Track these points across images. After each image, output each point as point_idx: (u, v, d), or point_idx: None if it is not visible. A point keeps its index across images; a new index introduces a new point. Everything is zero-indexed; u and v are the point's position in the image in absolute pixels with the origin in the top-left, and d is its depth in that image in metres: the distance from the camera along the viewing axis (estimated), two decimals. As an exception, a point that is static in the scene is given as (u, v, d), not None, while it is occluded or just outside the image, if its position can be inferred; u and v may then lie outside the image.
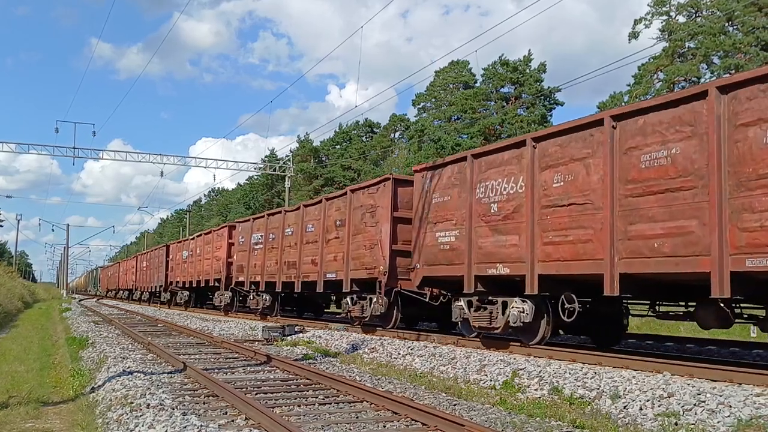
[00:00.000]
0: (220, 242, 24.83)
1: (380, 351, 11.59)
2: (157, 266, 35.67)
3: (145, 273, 39.56)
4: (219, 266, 24.62)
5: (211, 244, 25.94)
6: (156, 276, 35.57)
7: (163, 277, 33.92)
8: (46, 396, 8.11)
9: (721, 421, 5.94)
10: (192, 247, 29.11)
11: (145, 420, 5.80)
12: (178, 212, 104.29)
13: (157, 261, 35.96)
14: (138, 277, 42.03)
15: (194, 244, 28.82)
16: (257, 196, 70.89)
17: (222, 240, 24.53)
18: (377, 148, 57.89)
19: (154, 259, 37.11)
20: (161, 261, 34.68)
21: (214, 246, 25.60)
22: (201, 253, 27.38)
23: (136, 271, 43.04)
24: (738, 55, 34.17)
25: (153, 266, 36.93)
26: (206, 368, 9.78)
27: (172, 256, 33.40)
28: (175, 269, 32.13)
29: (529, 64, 49.29)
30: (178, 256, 31.78)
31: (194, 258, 28.42)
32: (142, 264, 41.51)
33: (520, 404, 7.39)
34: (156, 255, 36.70)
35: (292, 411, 6.91)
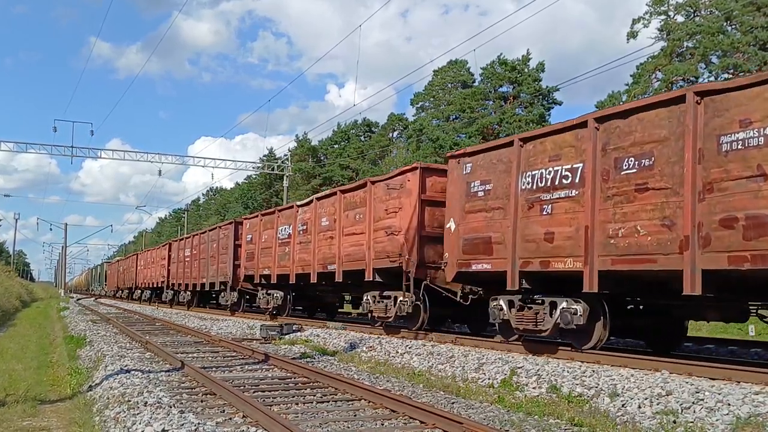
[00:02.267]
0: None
1: (378, 349, 11.58)
2: (214, 253, 24.75)
3: (188, 264, 28.97)
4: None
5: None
6: (213, 268, 24.75)
7: (230, 268, 22.69)
8: (44, 394, 8.10)
9: (720, 419, 5.93)
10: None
11: (143, 418, 5.79)
12: (176, 212, 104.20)
13: (215, 246, 24.73)
14: (175, 271, 31.34)
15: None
16: (255, 196, 70.83)
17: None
18: (375, 147, 57.85)
19: (208, 245, 25.82)
20: (224, 245, 23.58)
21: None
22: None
23: (168, 263, 32.52)
24: (736, 55, 34.18)
25: (206, 254, 25.93)
26: (204, 366, 9.76)
27: (249, 236, 21.29)
28: (256, 257, 20.52)
29: (527, 63, 49.26)
30: (259, 238, 20.36)
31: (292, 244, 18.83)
32: (180, 253, 30.65)
33: (519, 402, 7.38)
34: (215, 237, 24.93)
35: (290, 409, 6.90)
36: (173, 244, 32.05)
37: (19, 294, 38.07)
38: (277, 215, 18.92)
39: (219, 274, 23.65)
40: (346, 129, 63.16)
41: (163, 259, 33.76)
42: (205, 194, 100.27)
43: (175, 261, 31.33)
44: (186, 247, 29.47)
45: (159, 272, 34.66)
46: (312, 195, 20.61)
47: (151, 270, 37.12)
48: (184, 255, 29.41)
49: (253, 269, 20.36)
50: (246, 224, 21.79)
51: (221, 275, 23.35)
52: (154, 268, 36.03)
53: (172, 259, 31.96)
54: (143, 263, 40.32)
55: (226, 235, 23.57)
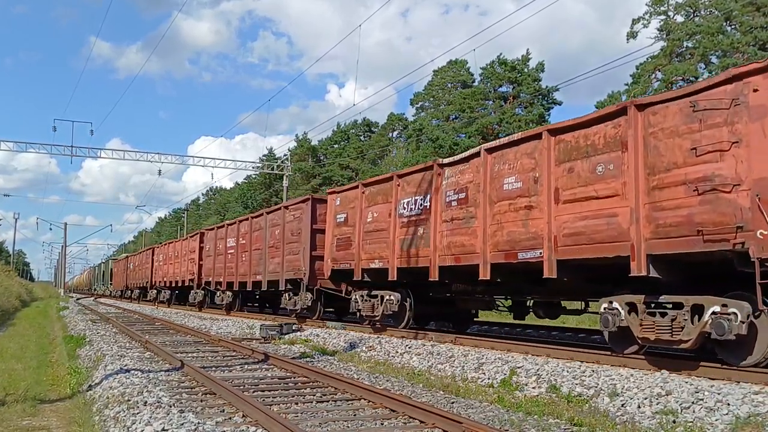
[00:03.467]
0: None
1: (378, 349, 11.59)
2: (276, 242, 18.70)
3: (231, 258, 22.76)
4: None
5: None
6: (275, 261, 18.77)
7: (304, 261, 16.73)
8: (44, 394, 8.10)
9: (719, 419, 5.94)
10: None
11: (143, 417, 5.79)
12: (175, 211, 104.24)
13: (277, 233, 18.73)
14: (211, 267, 25.05)
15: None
16: (255, 195, 70.85)
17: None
18: (375, 147, 57.87)
19: (265, 232, 19.65)
20: (294, 230, 17.54)
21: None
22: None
23: (200, 257, 26.57)
24: (736, 55, 34.19)
25: (260, 244, 19.95)
26: (204, 366, 9.77)
27: (342, 216, 14.96)
28: (356, 243, 14.52)
29: (527, 63, 49.28)
30: (361, 217, 14.29)
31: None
32: (217, 244, 24.41)
33: (518, 402, 7.38)
34: (277, 221, 18.87)
35: (290, 409, 6.90)
36: (207, 234, 26.32)
37: (18, 294, 38.06)
38: (397, 183, 12.89)
39: (285, 269, 17.83)
40: (345, 129, 63.21)
41: (192, 252, 27.69)
42: (205, 194, 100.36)
43: (211, 254, 25.11)
44: (229, 236, 23.07)
45: (186, 268, 28.61)
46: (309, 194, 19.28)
47: (174, 266, 31.07)
48: (225, 246, 23.24)
49: (347, 261, 14.29)
50: (334, 200, 15.26)
51: (289, 271, 17.54)
52: (179, 263, 30.05)
53: (206, 251, 25.98)
54: (162, 258, 33.95)
55: (297, 217, 17.40)
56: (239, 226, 22.33)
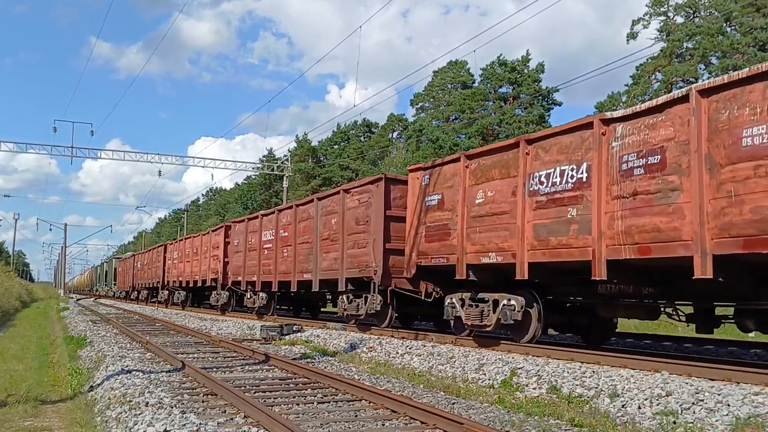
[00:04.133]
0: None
1: (378, 350, 11.60)
2: (333, 234, 15.45)
3: (267, 253, 19.61)
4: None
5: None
6: (330, 256, 15.58)
7: (375, 255, 13.52)
8: (45, 394, 8.11)
9: (720, 419, 5.95)
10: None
11: (144, 418, 5.80)
12: (175, 212, 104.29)
13: (334, 222, 15.50)
14: (239, 264, 21.86)
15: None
16: (255, 196, 70.90)
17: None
18: (375, 148, 57.91)
19: (315, 221, 16.41)
20: (360, 219, 14.33)
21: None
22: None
23: (225, 254, 23.76)
24: (736, 56, 34.25)
25: (309, 236, 16.80)
26: (205, 367, 9.78)
27: (434, 199, 11.97)
28: (458, 232, 11.34)
29: (527, 64, 49.35)
30: (464, 198, 11.20)
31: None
32: (248, 238, 21.30)
33: (519, 403, 7.40)
34: (334, 208, 15.55)
35: (291, 409, 6.91)
36: (235, 227, 23.02)
37: (18, 294, 38.08)
38: (525, 151, 9.71)
39: (346, 265, 14.63)
40: (345, 129, 63.27)
41: (215, 249, 24.81)
42: (205, 195, 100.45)
43: (240, 249, 21.85)
44: (265, 229, 19.91)
45: (207, 266, 25.56)
46: (309, 195, 18.96)
47: (192, 264, 27.94)
48: (260, 240, 20.05)
49: (443, 255, 11.29)
50: (420, 179, 12.17)
51: (352, 268, 14.31)
52: (198, 260, 26.90)
53: (233, 247, 22.77)
54: (177, 255, 30.82)
55: (364, 201, 14.15)
56: (278, 217, 19.00)
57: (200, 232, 28.93)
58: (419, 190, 12.18)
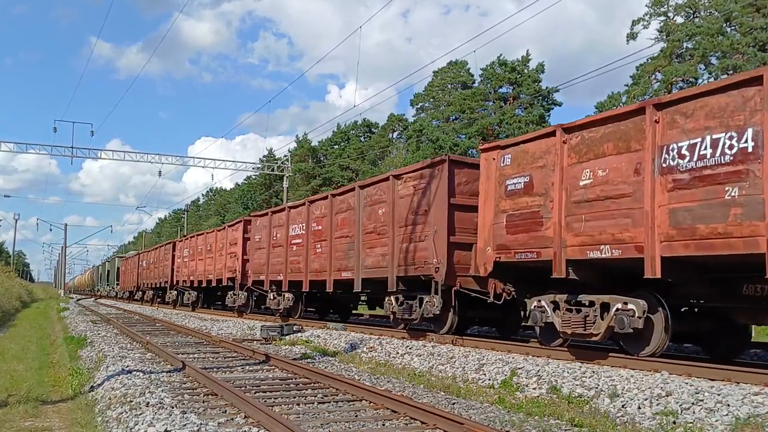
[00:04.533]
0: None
1: (379, 350, 11.61)
2: (380, 226, 13.57)
3: (296, 250, 17.67)
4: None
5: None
6: (375, 252, 13.71)
7: (437, 250, 11.63)
8: (45, 395, 8.13)
9: (719, 419, 5.96)
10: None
11: (145, 418, 5.81)
12: (175, 212, 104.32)
13: (381, 213, 13.58)
14: (262, 261, 19.81)
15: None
16: (255, 196, 70.92)
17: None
18: (375, 148, 57.92)
19: (357, 212, 14.45)
20: (414, 207, 12.49)
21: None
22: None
23: (243, 251, 22.09)
24: (736, 56, 34.25)
25: (349, 229, 14.82)
26: (205, 367, 9.79)
27: (519, 181, 10.03)
28: (556, 221, 9.30)
29: (527, 64, 49.38)
30: (562, 179, 9.27)
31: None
32: (270, 234, 19.38)
33: (519, 403, 7.41)
34: (382, 196, 13.64)
35: (291, 409, 6.92)
36: (257, 221, 20.81)
37: (19, 294, 38.10)
38: (654, 118, 8.05)
39: (397, 262, 12.69)
40: (345, 129, 63.27)
41: (233, 245, 23.13)
42: (205, 195, 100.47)
43: (263, 246, 19.83)
44: (293, 222, 18.01)
45: (223, 265, 23.84)
46: (309, 195, 18.48)
47: (205, 262, 26.26)
48: (287, 235, 18.15)
49: (532, 249, 9.51)
50: (497, 160, 10.40)
51: (407, 264, 12.38)
52: (212, 258, 25.30)
53: (254, 243, 20.83)
54: (188, 253, 29.07)
55: (420, 188, 12.26)
56: (310, 209, 17.00)
57: (215, 228, 27.07)
58: (496, 172, 10.38)
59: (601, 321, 8.71)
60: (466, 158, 11.84)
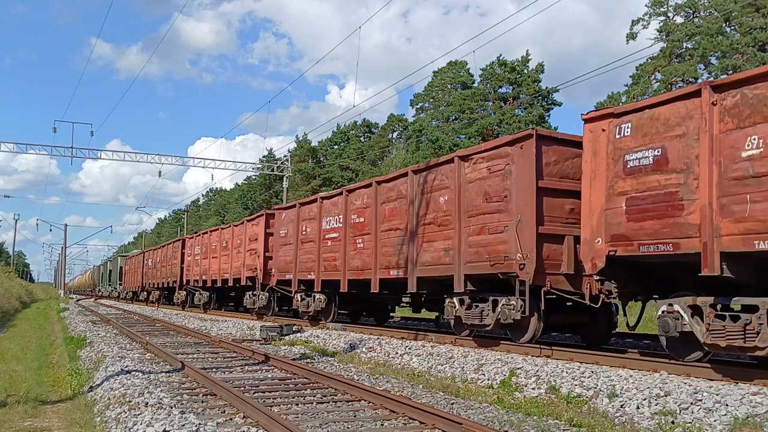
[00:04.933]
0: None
1: (378, 350, 11.61)
2: (463, 209, 11.01)
3: (363, 243, 14.29)
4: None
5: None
6: (466, 242, 10.90)
7: (525, 242, 9.69)
8: (45, 395, 8.13)
9: (718, 419, 5.96)
10: None
11: (144, 418, 5.81)
12: (175, 212, 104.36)
13: (471, 195, 10.87)
14: (291, 258, 17.55)
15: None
16: (255, 196, 70.92)
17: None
18: (375, 148, 57.92)
19: (416, 201, 12.38)
20: (502, 190, 10.22)
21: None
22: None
23: (265, 247, 20.18)
24: (735, 56, 34.26)
25: (409, 217, 12.50)
26: (204, 367, 9.79)
27: (658, 156, 7.99)
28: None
29: (527, 64, 49.36)
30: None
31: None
32: (308, 227, 16.84)
33: (518, 403, 7.41)
34: (469, 173, 11.03)
35: (290, 410, 6.93)
36: (281, 215, 18.61)
37: (18, 295, 38.12)
38: None
39: (465, 258, 10.85)
40: (345, 130, 63.27)
41: (253, 241, 21.09)
42: (205, 195, 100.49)
43: (290, 242, 17.62)
44: (326, 215, 15.95)
45: (241, 263, 21.84)
46: (310, 195, 17.58)
47: (220, 260, 24.25)
48: (320, 229, 16.07)
49: (670, 239, 7.71)
50: (612, 130, 8.57)
51: (479, 261, 10.57)
52: (228, 256, 23.26)
53: (278, 239, 18.54)
54: (200, 251, 27.02)
55: (496, 171, 10.37)
56: (349, 199, 15.01)
57: (231, 223, 24.99)
58: (608, 146, 8.56)
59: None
60: (556, 133, 10.50)
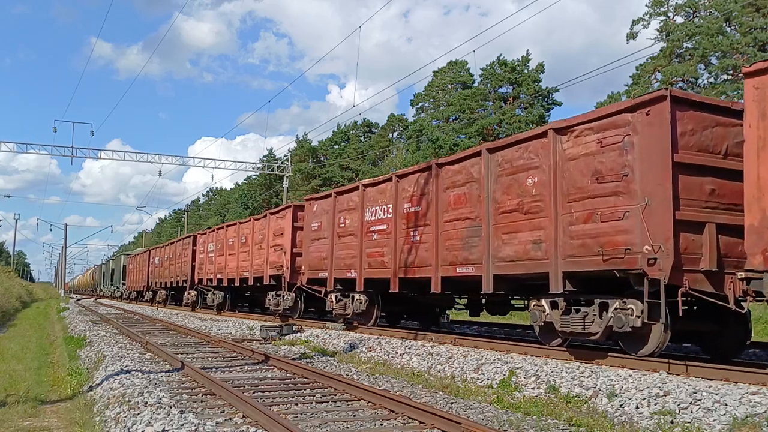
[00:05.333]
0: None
1: (378, 350, 11.61)
2: (561, 193, 9.15)
3: (394, 236, 12.98)
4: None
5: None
6: (565, 232, 9.02)
7: (659, 230, 7.77)
8: (44, 394, 8.13)
9: (717, 419, 5.96)
10: None
11: (143, 418, 5.81)
12: (176, 212, 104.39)
13: (574, 175, 8.98)
14: (325, 254, 15.51)
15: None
16: (255, 196, 70.94)
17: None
18: (375, 148, 57.92)
19: (489, 186, 10.48)
20: (619, 167, 8.33)
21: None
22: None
23: (294, 242, 18.20)
24: (735, 56, 34.25)
25: (484, 204, 10.55)
26: (204, 367, 9.79)
27: None
28: None
29: (527, 64, 49.34)
30: None
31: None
32: (347, 219, 14.81)
33: (517, 403, 7.41)
34: (570, 149, 9.12)
35: (290, 409, 6.93)
36: (313, 206, 16.52)
37: (19, 294, 38.11)
38: None
39: (566, 250, 9.08)
40: (346, 129, 63.29)
41: (278, 235, 18.84)
42: (205, 195, 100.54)
43: (323, 235, 15.63)
44: (371, 204, 13.97)
45: (263, 260, 19.68)
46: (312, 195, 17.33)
47: (237, 257, 22.08)
48: (361, 221, 14.14)
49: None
50: None
51: (583, 254, 8.81)
52: (248, 252, 21.05)
53: (312, 231, 16.28)
54: (214, 247, 24.93)
55: (611, 143, 8.57)
56: (400, 185, 12.99)
57: (252, 217, 22.98)
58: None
59: None
60: (692, 95, 8.66)
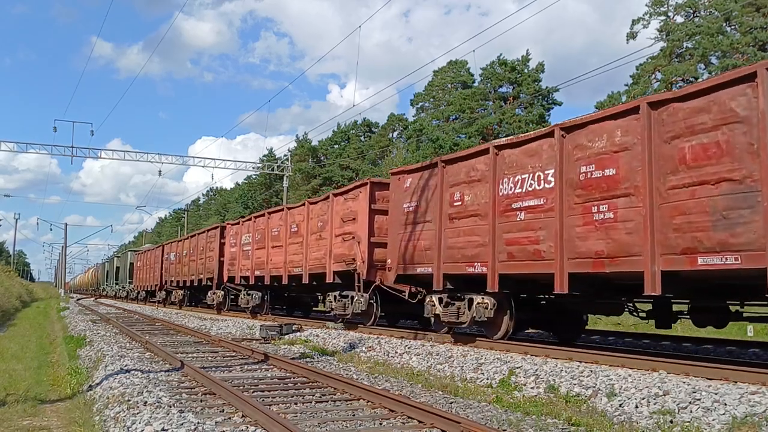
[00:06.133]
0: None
1: (377, 350, 11.61)
2: None
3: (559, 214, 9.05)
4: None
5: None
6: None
7: None
8: (44, 394, 8.13)
9: (716, 419, 5.96)
10: None
11: (143, 417, 5.81)
12: (176, 212, 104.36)
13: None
14: (454, 242, 11.21)
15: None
16: (255, 196, 70.93)
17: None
18: (375, 147, 57.91)
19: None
20: None
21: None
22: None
23: (372, 230, 14.32)
24: (736, 56, 34.24)
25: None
26: (203, 366, 9.79)
27: None
28: None
29: (527, 63, 49.33)
30: None
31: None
32: (468, 196, 10.98)
33: (517, 402, 7.41)
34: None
35: (289, 409, 6.93)
36: (403, 181, 13.00)
37: (19, 294, 38.13)
38: None
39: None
40: (346, 129, 63.27)
41: (347, 222, 15.18)
42: (206, 194, 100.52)
43: (427, 218, 12.03)
44: (518, 170, 9.99)
45: (324, 252, 16.16)
46: (309, 195, 16.25)
47: (285, 250, 18.66)
48: (494, 196, 10.38)
49: None
50: None
51: None
52: (300, 245, 17.71)
53: (403, 213, 12.82)
54: (249, 239, 21.49)
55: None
56: (566, 142, 9.17)
57: (307, 200, 18.52)
58: None
59: None
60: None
